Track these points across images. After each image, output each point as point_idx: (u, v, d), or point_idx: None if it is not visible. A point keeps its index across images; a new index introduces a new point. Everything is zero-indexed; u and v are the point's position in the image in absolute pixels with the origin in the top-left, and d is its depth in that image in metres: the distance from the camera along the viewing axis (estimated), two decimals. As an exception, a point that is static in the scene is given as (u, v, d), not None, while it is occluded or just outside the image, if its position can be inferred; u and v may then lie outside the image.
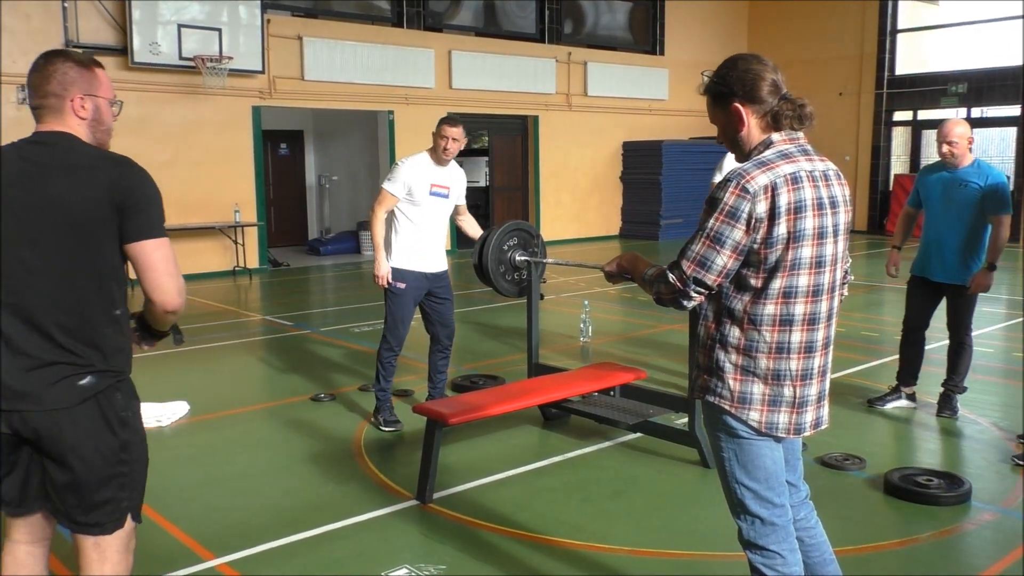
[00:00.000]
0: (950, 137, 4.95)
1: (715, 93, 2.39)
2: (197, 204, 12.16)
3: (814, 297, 2.29)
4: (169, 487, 4.26)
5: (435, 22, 14.70)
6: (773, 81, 2.30)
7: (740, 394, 2.31)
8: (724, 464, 2.40)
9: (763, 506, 2.36)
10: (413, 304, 5.11)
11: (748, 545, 2.40)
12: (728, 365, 2.32)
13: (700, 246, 2.24)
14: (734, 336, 2.31)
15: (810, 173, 2.26)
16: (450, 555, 3.47)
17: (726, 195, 2.21)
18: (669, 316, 8.67)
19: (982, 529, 3.73)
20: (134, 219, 2.22)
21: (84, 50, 10.99)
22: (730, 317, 2.31)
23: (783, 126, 2.31)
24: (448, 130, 4.97)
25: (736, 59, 2.36)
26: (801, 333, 2.29)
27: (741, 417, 2.31)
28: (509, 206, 16.25)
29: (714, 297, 2.34)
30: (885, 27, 17.18)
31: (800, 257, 2.24)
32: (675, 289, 2.28)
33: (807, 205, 2.23)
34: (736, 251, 2.22)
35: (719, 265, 2.22)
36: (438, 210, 5.09)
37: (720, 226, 2.21)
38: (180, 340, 2.51)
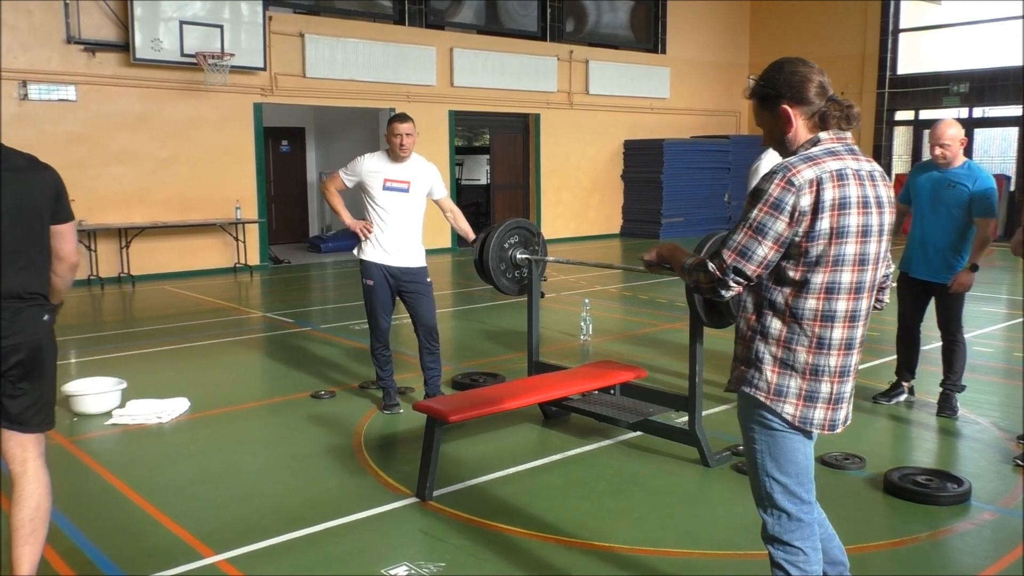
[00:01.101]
0: (943, 139, 4.96)
1: (762, 96, 2.42)
2: (198, 201, 12.17)
3: (856, 294, 2.32)
4: (169, 483, 4.27)
5: (437, 20, 14.70)
6: (820, 83, 2.34)
7: (777, 387, 2.32)
8: (755, 456, 2.41)
9: (791, 501, 2.38)
10: (387, 297, 5.26)
11: (772, 540, 2.42)
12: (767, 357, 2.33)
13: (742, 236, 2.26)
14: (775, 328, 2.33)
15: (856, 172, 2.29)
16: (450, 552, 3.47)
17: (771, 187, 2.23)
18: (669, 315, 8.67)
19: (981, 529, 3.73)
20: (64, 207, 3.05)
21: (86, 46, 11.01)
22: (772, 309, 2.33)
23: (830, 126, 2.34)
24: (398, 127, 5.10)
25: (783, 62, 2.39)
26: (842, 330, 2.32)
27: (775, 410, 2.33)
28: (510, 204, 16.24)
29: (754, 289, 2.36)
30: (887, 26, 17.17)
31: (843, 253, 2.26)
32: (714, 278, 2.29)
33: (852, 202, 2.25)
34: (778, 243, 2.24)
35: (760, 256, 2.24)
36: (401, 205, 5.20)
37: (763, 217, 2.23)
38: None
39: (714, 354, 6.58)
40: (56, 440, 4.95)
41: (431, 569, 3.32)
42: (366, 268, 5.24)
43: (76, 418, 5.33)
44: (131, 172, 11.59)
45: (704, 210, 17.18)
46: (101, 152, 11.31)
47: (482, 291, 9.83)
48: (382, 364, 5.37)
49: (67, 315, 9.15)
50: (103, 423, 5.23)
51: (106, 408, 5.37)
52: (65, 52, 10.95)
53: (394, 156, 5.18)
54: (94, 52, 11.15)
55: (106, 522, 3.80)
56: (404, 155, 5.15)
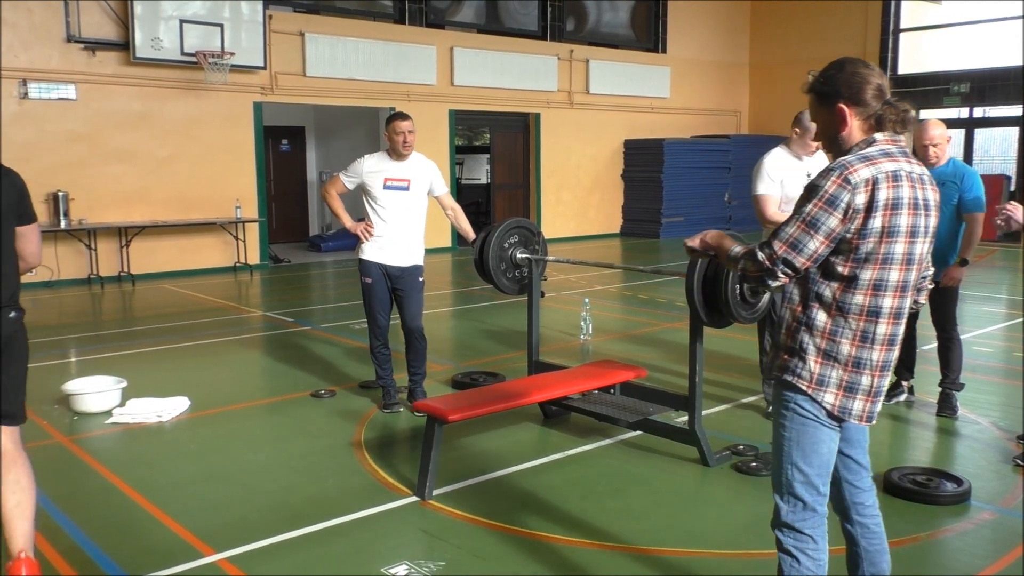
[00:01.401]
0: (935, 140, 4.97)
1: (820, 93, 2.46)
2: (198, 200, 12.17)
3: (902, 292, 2.38)
4: (169, 482, 4.27)
5: (437, 19, 14.70)
6: (878, 86, 2.39)
7: (819, 376, 2.38)
8: (782, 443, 2.46)
9: (809, 491, 2.44)
10: (385, 295, 5.28)
11: (783, 526, 2.47)
12: (811, 348, 2.39)
13: (795, 229, 2.31)
14: (820, 320, 2.38)
15: (909, 174, 2.35)
16: (450, 552, 3.47)
17: (828, 183, 2.28)
18: (669, 315, 8.68)
19: (981, 528, 3.73)
20: (27, 209, 3.13)
21: (86, 45, 11.01)
22: (818, 302, 2.38)
23: (886, 129, 2.39)
24: (400, 124, 5.13)
25: (844, 62, 2.44)
26: (886, 326, 2.37)
27: (816, 398, 2.38)
28: (510, 203, 16.24)
29: (800, 282, 2.41)
30: (887, 26, 17.16)
31: (892, 252, 2.32)
32: (763, 267, 2.35)
33: (904, 203, 2.31)
34: (829, 238, 2.29)
35: (810, 249, 2.29)
36: (401, 203, 5.22)
37: (817, 212, 2.28)
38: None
39: (714, 354, 6.58)
40: (56, 439, 4.96)
41: (431, 568, 3.32)
42: (365, 266, 5.26)
43: (76, 417, 5.33)
44: (131, 171, 11.59)
45: (704, 210, 17.18)
46: (101, 151, 11.31)
47: (482, 290, 9.83)
48: (381, 363, 5.38)
49: (67, 314, 9.16)
50: (103, 422, 5.23)
51: (106, 407, 5.37)
52: (65, 51, 10.95)
53: (396, 155, 5.19)
54: (94, 51, 11.14)
55: (106, 521, 3.80)
56: (407, 152, 5.16)
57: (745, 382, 5.97)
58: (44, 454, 4.71)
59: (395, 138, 5.12)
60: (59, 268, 10.99)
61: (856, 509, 2.61)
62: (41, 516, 3.82)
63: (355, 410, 5.44)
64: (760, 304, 4.29)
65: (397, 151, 5.16)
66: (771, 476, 2.54)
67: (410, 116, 5.20)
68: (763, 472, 4.25)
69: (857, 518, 2.61)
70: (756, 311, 4.28)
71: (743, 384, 5.93)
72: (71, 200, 10.93)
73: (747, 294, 4.17)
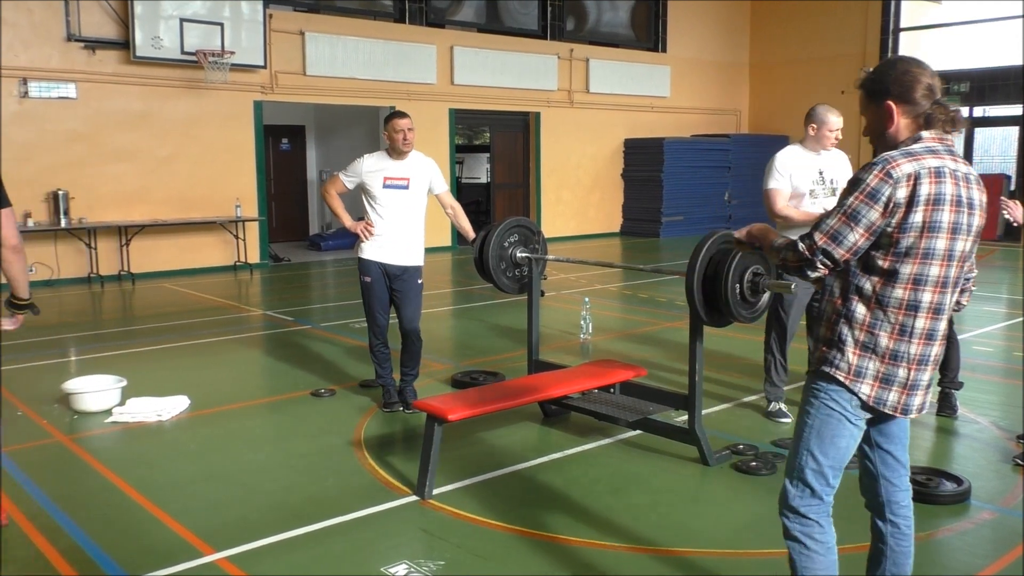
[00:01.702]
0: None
1: (870, 90, 2.48)
2: (198, 199, 12.17)
3: (942, 288, 2.39)
4: (169, 481, 4.27)
5: (437, 18, 14.69)
6: (929, 86, 2.40)
7: (856, 368, 2.41)
8: (803, 430, 2.51)
9: (819, 480, 2.49)
10: (384, 294, 5.29)
11: (790, 510, 2.52)
12: (850, 340, 2.42)
13: (836, 221, 2.34)
14: (860, 313, 2.41)
15: (953, 172, 2.36)
16: (449, 551, 3.47)
17: (870, 177, 2.31)
18: (669, 314, 8.68)
19: (981, 528, 3.73)
20: (1, 195, 3.20)
21: (86, 44, 11.01)
22: (858, 295, 2.41)
23: (934, 127, 2.41)
24: (400, 123, 5.13)
25: (896, 60, 2.47)
26: (925, 320, 2.39)
27: (853, 389, 2.42)
28: (510, 203, 16.24)
29: (841, 275, 2.45)
30: (887, 26, 17.16)
31: (933, 248, 2.33)
32: (803, 257, 2.39)
33: (946, 199, 2.32)
34: (869, 231, 2.32)
35: (850, 242, 2.33)
36: (401, 202, 5.22)
37: (858, 205, 2.32)
38: (37, 311, 3.49)
39: (714, 353, 6.58)
40: (56, 438, 4.96)
41: (431, 567, 3.32)
42: (364, 265, 5.26)
43: (76, 416, 5.33)
44: (131, 170, 11.59)
45: (704, 209, 17.18)
46: (101, 150, 11.31)
47: (482, 289, 9.83)
48: (381, 362, 5.38)
49: (67, 313, 9.16)
50: (103, 421, 5.23)
51: (106, 406, 5.37)
52: (65, 50, 10.95)
53: (395, 153, 5.19)
54: (94, 50, 11.14)
55: (106, 520, 3.80)
56: (407, 150, 5.16)
57: (745, 381, 5.98)
58: (44, 453, 4.71)
59: (394, 136, 5.12)
60: (59, 267, 11.00)
61: (890, 507, 2.64)
62: (41, 515, 3.83)
63: (355, 409, 5.44)
64: (760, 303, 4.29)
65: (397, 149, 5.16)
66: (787, 459, 2.59)
67: (409, 114, 5.19)
68: (763, 472, 4.26)
69: (890, 516, 2.64)
70: (756, 310, 4.27)
71: (743, 383, 5.93)
72: (71, 199, 10.93)
73: (747, 293, 4.16)
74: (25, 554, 3.46)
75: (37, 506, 3.94)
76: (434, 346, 6.86)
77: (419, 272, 5.32)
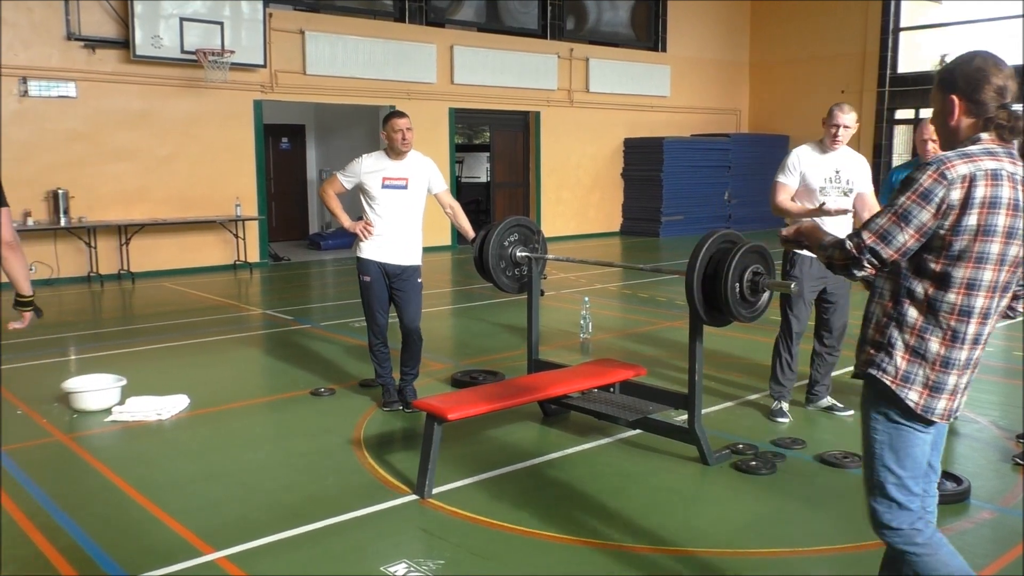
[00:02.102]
0: (935, 135, 4.97)
1: (940, 78, 2.42)
2: (198, 198, 12.17)
3: (994, 292, 2.34)
4: (168, 480, 4.27)
5: (437, 17, 14.69)
6: (1000, 88, 2.33)
7: (904, 373, 2.36)
8: (874, 447, 2.45)
9: (903, 493, 2.42)
10: (384, 293, 5.29)
11: (884, 527, 2.46)
12: (900, 343, 2.37)
13: (885, 220, 2.28)
14: (911, 317, 2.35)
15: (1012, 175, 2.30)
16: (449, 550, 3.47)
17: (923, 177, 2.25)
18: (669, 313, 8.67)
19: (980, 527, 3.73)
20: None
21: (86, 43, 11.01)
22: (910, 298, 2.36)
23: (992, 131, 2.35)
24: (398, 122, 5.12)
25: (974, 55, 2.38)
26: (976, 326, 2.34)
27: (900, 395, 2.36)
28: (510, 202, 16.24)
29: (891, 277, 2.39)
30: (887, 25, 17.15)
31: (987, 252, 2.28)
32: (850, 256, 2.32)
33: (1002, 203, 2.26)
34: (919, 232, 2.26)
35: (899, 242, 2.27)
36: (399, 202, 5.22)
37: (910, 205, 2.25)
38: (40, 314, 3.48)
39: (714, 353, 6.58)
40: (56, 437, 4.96)
41: (430, 567, 3.32)
42: (363, 265, 5.25)
43: (76, 415, 5.33)
44: (131, 169, 11.59)
45: (704, 208, 17.18)
46: (101, 149, 11.31)
47: (482, 289, 9.83)
48: (380, 361, 5.38)
49: (67, 312, 9.16)
50: (103, 420, 5.23)
51: (106, 405, 5.37)
52: (65, 49, 10.95)
53: (394, 153, 5.18)
54: (94, 49, 11.14)
55: (106, 519, 3.80)
56: (405, 149, 5.15)
57: (745, 381, 5.97)
58: (43, 452, 4.71)
59: (393, 136, 5.11)
60: (59, 266, 11.00)
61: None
62: (40, 515, 3.83)
63: (355, 408, 5.44)
64: (760, 303, 4.29)
65: (395, 149, 5.15)
66: (863, 478, 2.52)
67: (407, 114, 5.19)
68: (762, 471, 4.26)
69: None
70: (756, 310, 4.28)
71: (743, 383, 5.93)
72: (71, 198, 10.93)
73: (747, 292, 4.16)
74: (24, 553, 3.46)
75: (37, 505, 3.94)
76: (434, 345, 6.86)
77: (418, 271, 5.32)
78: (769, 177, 5.42)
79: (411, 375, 5.42)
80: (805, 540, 3.58)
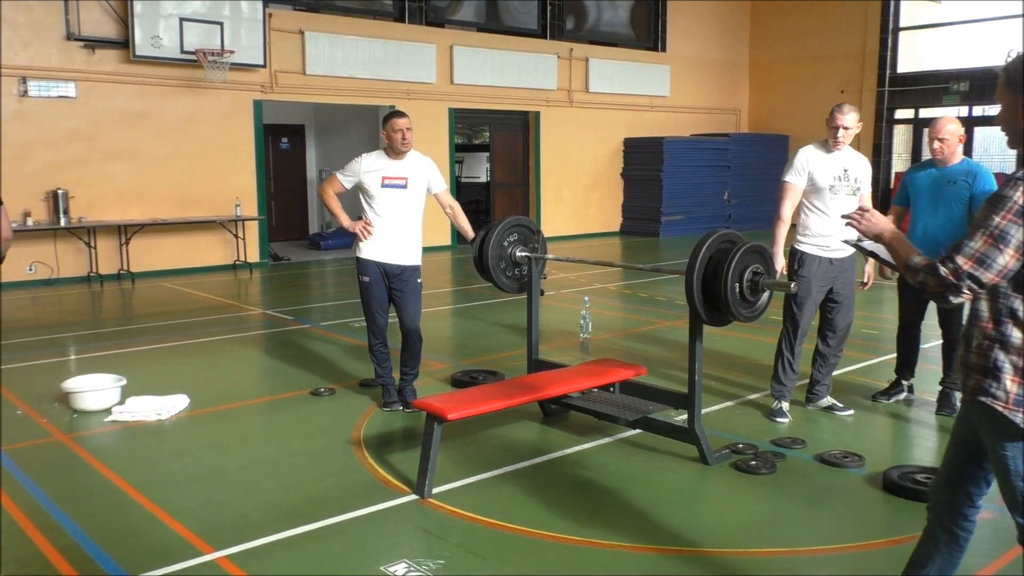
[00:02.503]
0: (941, 134, 5.01)
1: (1009, 77, 2.35)
2: (198, 198, 12.16)
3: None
4: (168, 480, 4.27)
5: (437, 17, 14.69)
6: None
7: (1016, 396, 2.26)
8: (1007, 463, 2.35)
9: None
10: (383, 294, 5.29)
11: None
12: (1007, 366, 2.27)
13: (980, 243, 2.17)
14: (1017, 338, 2.26)
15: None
16: (449, 550, 3.47)
17: (1016, 194, 2.15)
18: (669, 313, 8.67)
19: (980, 527, 3.70)
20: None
21: (85, 43, 11.00)
22: (1012, 318, 2.26)
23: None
24: (399, 122, 5.13)
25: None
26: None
27: (1012, 419, 2.27)
28: (510, 202, 16.24)
29: (990, 298, 2.29)
30: (887, 25, 17.16)
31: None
32: (946, 283, 2.20)
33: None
34: (1020, 251, 2.16)
35: (999, 264, 2.17)
36: (398, 201, 5.22)
37: (1007, 225, 2.15)
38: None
39: (714, 352, 6.58)
40: (55, 437, 4.96)
41: (430, 566, 3.32)
42: (362, 265, 5.25)
43: (75, 415, 5.33)
44: (131, 169, 11.59)
45: (704, 208, 17.18)
46: (101, 149, 11.30)
47: (482, 289, 9.83)
48: (380, 361, 5.38)
49: (67, 312, 9.16)
50: (103, 420, 5.23)
51: (106, 405, 5.37)
52: (65, 49, 10.94)
53: (394, 152, 5.18)
54: (94, 49, 11.14)
55: (105, 519, 3.80)
56: (406, 149, 5.15)
57: (745, 380, 5.97)
58: (43, 452, 4.71)
59: (393, 136, 5.11)
60: (59, 266, 11.00)
61: (957, 521, 2.56)
62: (40, 514, 3.83)
63: (355, 408, 5.44)
64: (759, 303, 4.29)
65: (395, 149, 5.15)
66: (1003, 496, 2.46)
67: (407, 114, 5.19)
68: (762, 471, 4.26)
69: (954, 529, 2.56)
70: (755, 309, 4.28)
71: (743, 382, 5.93)
72: (71, 198, 10.93)
73: (746, 292, 4.16)
74: (24, 553, 3.46)
75: (37, 505, 3.94)
76: (434, 345, 6.86)
77: (418, 271, 5.31)
78: (769, 176, 5.44)
79: (411, 375, 5.42)
80: (805, 540, 3.58)
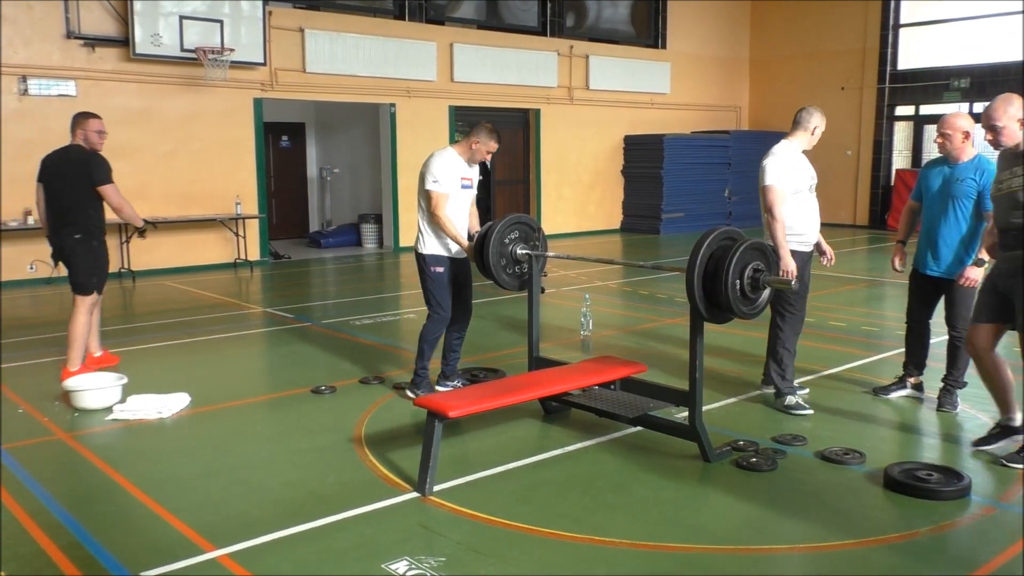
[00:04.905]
0: (944, 128, 5.03)
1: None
2: (198, 196, 12.16)
3: None
4: (170, 478, 4.27)
5: (437, 15, 14.68)
6: None
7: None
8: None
9: None
10: (451, 284, 5.49)
11: None
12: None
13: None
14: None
15: None
16: (450, 547, 3.47)
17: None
18: (670, 310, 8.67)
19: (981, 524, 3.73)
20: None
21: (85, 41, 11.00)
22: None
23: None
24: (494, 145, 5.37)
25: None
26: None
27: None
28: (510, 199, 16.24)
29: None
30: (887, 22, 17.14)
31: None
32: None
33: None
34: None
35: None
36: (465, 200, 5.49)
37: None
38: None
39: (715, 350, 6.58)
40: (57, 435, 4.97)
41: (431, 564, 3.32)
42: (435, 259, 5.42)
43: (77, 413, 5.33)
44: (131, 167, 11.57)
45: (704, 205, 17.17)
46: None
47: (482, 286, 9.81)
48: (430, 351, 5.54)
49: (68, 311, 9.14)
50: (104, 418, 5.23)
51: (106, 403, 5.37)
52: (65, 47, 10.94)
53: (469, 158, 5.39)
54: (94, 47, 11.13)
55: (107, 517, 3.81)
56: (478, 161, 5.43)
57: (746, 377, 5.97)
58: (45, 450, 4.72)
59: (479, 148, 5.32)
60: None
61: None
62: (42, 513, 3.83)
63: (355, 406, 5.44)
64: (760, 300, 4.29)
65: (475, 160, 5.39)
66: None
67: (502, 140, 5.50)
68: (763, 468, 4.26)
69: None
70: (756, 307, 4.28)
71: (744, 379, 5.93)
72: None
73: (747, 289, 4.16)
74: (26, 551, 3.46)
75: (38, 503, 3.95)
76: (434, 343, 6.86)
77: (468, 261, 5.57)
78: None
79: (459, 357, 5.74)
80: (806, 537, 3.58)
